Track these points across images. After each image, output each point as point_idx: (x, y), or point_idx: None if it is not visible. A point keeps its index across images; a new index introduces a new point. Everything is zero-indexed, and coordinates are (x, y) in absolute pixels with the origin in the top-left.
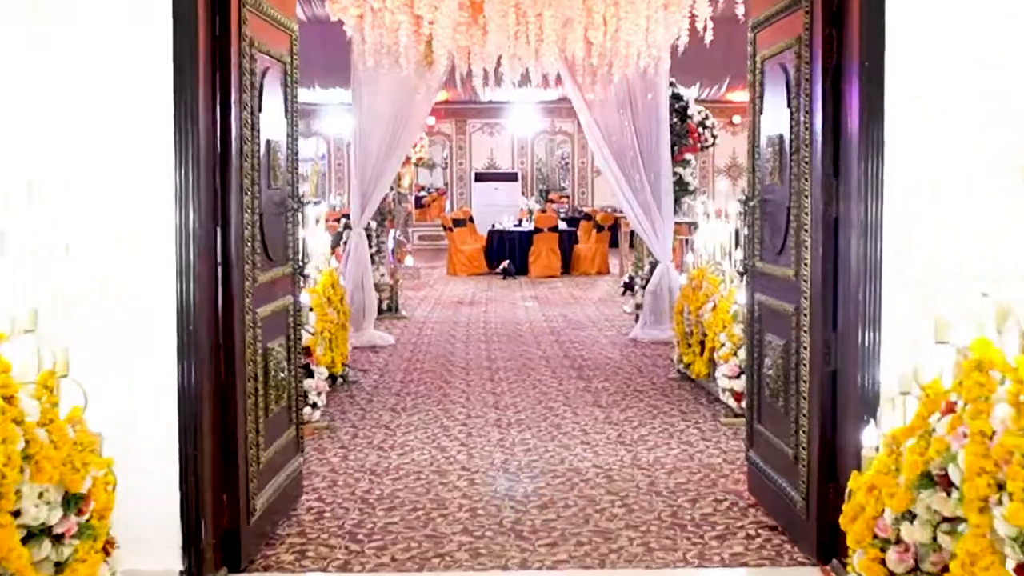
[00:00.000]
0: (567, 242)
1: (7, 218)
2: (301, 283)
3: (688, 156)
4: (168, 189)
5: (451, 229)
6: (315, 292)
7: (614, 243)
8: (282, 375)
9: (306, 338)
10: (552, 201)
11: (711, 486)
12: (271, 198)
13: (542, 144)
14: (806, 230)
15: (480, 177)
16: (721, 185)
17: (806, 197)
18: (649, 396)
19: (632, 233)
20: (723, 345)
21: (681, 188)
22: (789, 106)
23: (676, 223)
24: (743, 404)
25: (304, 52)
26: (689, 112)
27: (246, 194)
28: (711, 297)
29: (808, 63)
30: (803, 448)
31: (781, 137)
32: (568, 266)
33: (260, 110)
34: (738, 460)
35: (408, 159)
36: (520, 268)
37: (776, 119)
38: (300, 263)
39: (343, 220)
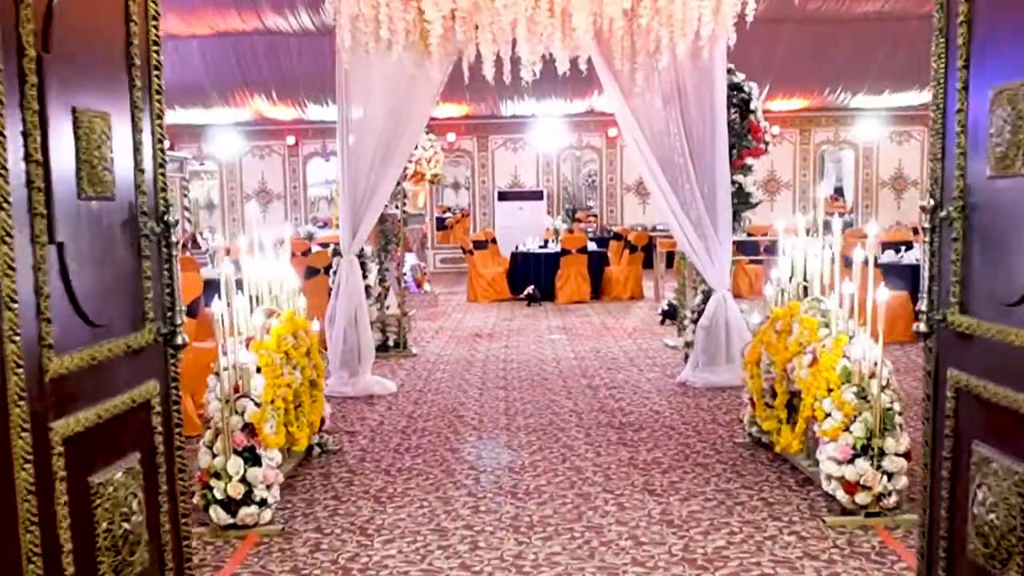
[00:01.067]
0: (597, 265)
1: None
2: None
3: (750, 161)
4: None
5: (471, 252)
6: (265, 347)
7: (647, 263)
8: (128, 524)
9: (250, 411)
10: (579, 220)
11: None
12: (93, 215)
13: (568, 160)
14: None
15: (503, 196)
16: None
17: None
18: (716, 474)
19: (670, 253)
20: (827, 416)
21: (741, 200)
22: None
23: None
24: (858, 498)
25: (318, 66)
26: (752, 106)
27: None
28: (807, 347)
29: None
30: None
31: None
32: (598, 291)
33: (46, 48)
34: None
35: (421, 175)
36: (546, 293)
37: (1011, 58)
38: (172, 325)
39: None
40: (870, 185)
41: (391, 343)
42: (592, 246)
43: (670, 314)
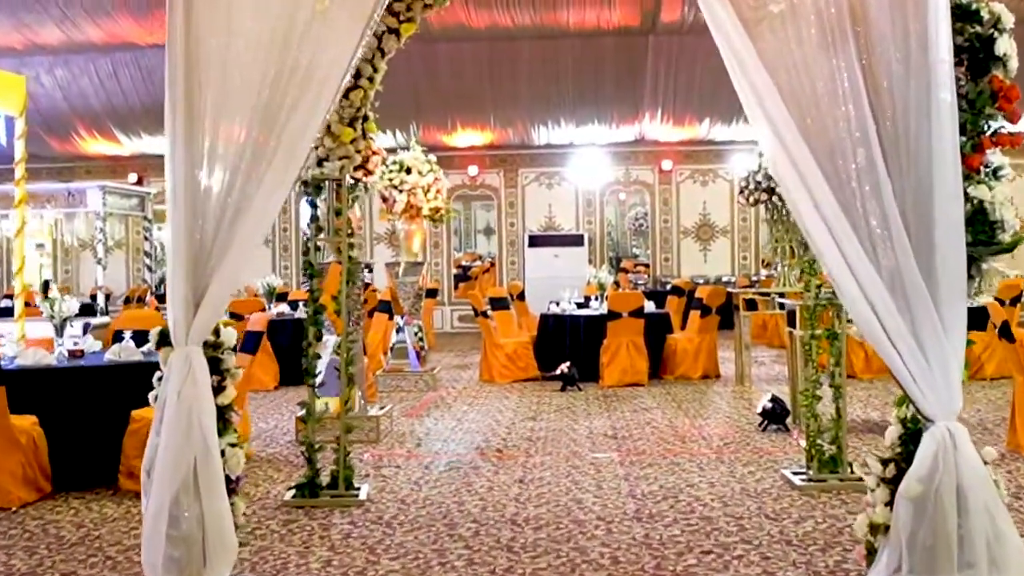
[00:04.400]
0: (655, 331)
1: None
2: None
3: (993, 159)
4: None
5: (485, 315)
6: None
7: (722, 325)
8: None
9: None
10: (625, 271)
11: None
12: None
13: (611, 200)
14: None
15: (535, 241)
16: None
17: None
18: None
19: (732, 313)
20: None
21: (981, 232)
22: None
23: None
24: None
25: None
26: (998, 50)
27: None
28: None
29: None
30: None
31: None
32: (657, 367)
33: None
34: None
35: (417, 210)
36: (587, 371)
37: None
38: None
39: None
40: None
41: (324, 481)
42: (650, 306)
43: (775, 416)
